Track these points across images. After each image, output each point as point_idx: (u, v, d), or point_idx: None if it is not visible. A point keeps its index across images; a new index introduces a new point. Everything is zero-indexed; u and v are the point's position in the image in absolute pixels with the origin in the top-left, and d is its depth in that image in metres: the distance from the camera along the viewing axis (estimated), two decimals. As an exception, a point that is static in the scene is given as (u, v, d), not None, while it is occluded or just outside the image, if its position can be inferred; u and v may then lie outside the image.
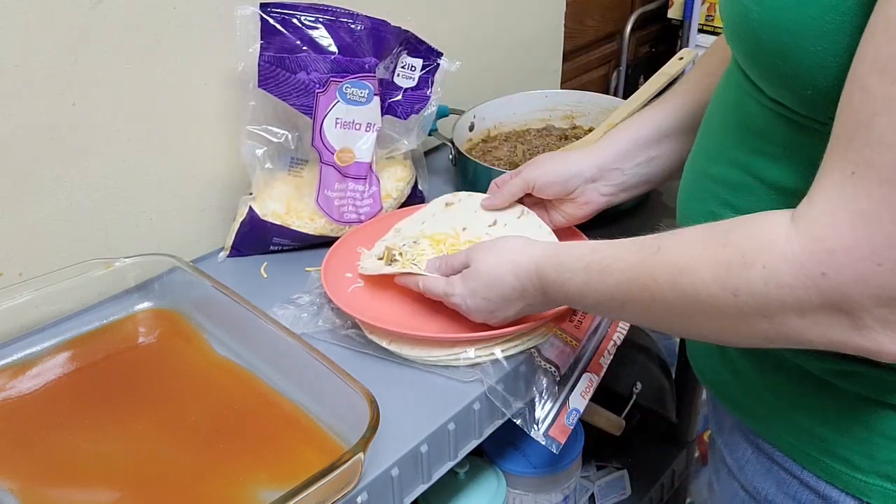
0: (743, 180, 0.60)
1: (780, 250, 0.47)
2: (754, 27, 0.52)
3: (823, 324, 0.47)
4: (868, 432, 0.58)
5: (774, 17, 0.50)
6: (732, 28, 0.57)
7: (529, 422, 0.75)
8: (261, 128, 0.91)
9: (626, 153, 0.84)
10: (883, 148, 0.42)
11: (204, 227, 0.99)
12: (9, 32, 0.75)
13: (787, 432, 0.63)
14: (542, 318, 0.76)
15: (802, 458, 0.62)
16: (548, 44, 1.48)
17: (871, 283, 0.44)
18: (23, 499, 0.63)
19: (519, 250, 0.70)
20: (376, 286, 0.84)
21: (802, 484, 0.63)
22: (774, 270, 0.47)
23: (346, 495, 0.61)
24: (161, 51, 0.87)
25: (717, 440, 0.76)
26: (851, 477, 0.59)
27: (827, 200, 0.46)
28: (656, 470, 1.36)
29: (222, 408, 0.72)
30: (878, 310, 0.44)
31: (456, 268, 0.75)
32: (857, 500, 0.59)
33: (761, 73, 0.56)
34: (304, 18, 0.88)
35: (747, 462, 0.69)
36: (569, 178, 0.84)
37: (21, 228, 0.82)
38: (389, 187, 0.97)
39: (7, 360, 0.78)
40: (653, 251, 0.56)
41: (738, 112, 0.61)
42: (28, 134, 0.79)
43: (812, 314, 0.47)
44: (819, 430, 0.60)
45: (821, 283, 0.45)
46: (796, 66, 0.50)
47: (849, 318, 0.46)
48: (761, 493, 0.67)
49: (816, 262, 0.45)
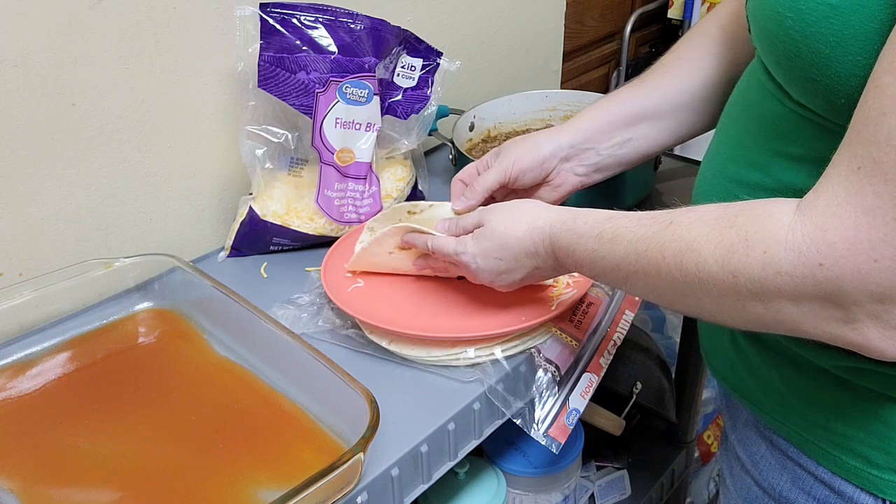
0: (762, 181, 0.60)
1: (781, 238, 0.47)
2: (790, 34, 0.52)
3: (817, 315, 0.48)
4: (885, 428, 0.58)
5: (812, 26, 0.50)
6: (763, 32, 0.56)
7: (529, 422, 0.75)
8: (261, 128, 0.91)
9: (602, 132, 0.82)
10: (890, 148, 0.43)
11: (204, 227, 0.99)
12: (9, 32, 0.75)
13: (802, 428, 0.63)
14: (542, 319, 0.76)
15: (818, 453, 0.62)
16: (548, 44, 1.48)
17: (866, 278, 0.44)
18: (23, 499, 0.63)
19: (534, 212, 0.70)
20: (376, 286, 0.84)
21: (817, 480, 0.63)
22: (774, 257, 0.48)
23: (346, 495, 0.61)
24: (161, 51, 0.87)
25: (730, 435, 0.76)
26: (867, 473, 0.59)
27: (832, 193, 0.46)
28: (656, 470, 1.36)
29: (222, 408, 0.72)
30: (870, 305, 0.45)
31: (468, 228, 0.75)
32: (873, 496, 0.59)
33: (792, 80, 0.55)
34: (304, 18, 0.88)
35: (761, 458, 0.69)
36: (544, 161, 0.82)
37: (21, 228, 0.82)
38: (389, 187, 0.97)
39: (7, 360, 0.78)
40: (664, 225, 0.56)
41: (760, 113, 0.61)
42: (28, 134, 0.80)
43: (807, 303, 0.47)
44: (835, 425, 0.60)
45: (818, 273, 0.46)
46: (832, 76, 0.50)
47: (842, 311, 0.46)
48: (776, 489, 0.67)
49: (815, 253, 0.46)
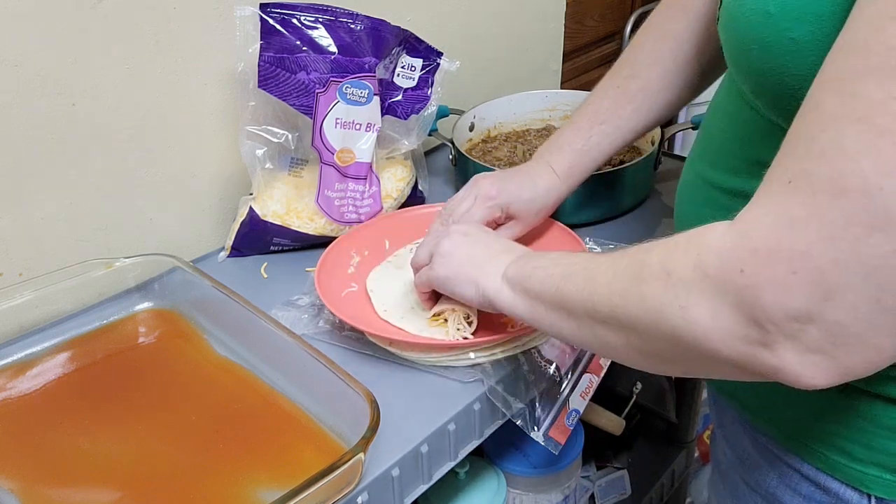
0: (744, 188, 0.60)
1: (713, 242, 0.48)
2: (757, 65, 0.53)
3: (733, 333, 0.46)
4: (865, 423, 0.58)
5: (777, 59, 0.51)
6: (733, 58, 0.57)
7: (530, 422, 0.75)
8: (261, 128, 0.91)
9: (589, 172, 0.87)
10: (823, 161, 0.42)
11: (204, 227, 0.99)
12: (8, 32, 0.75)
13: (786, 425, 0.64)
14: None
15: (802, 450, 0.62)
16: (548, 44, 1.48)
17: (783, 291, 0.43)
18: (23, 499, 0.63)
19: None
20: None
21: (803, 476, 0.63)
22: (704, 259, 0.47)
23: (346, 495, 0.61)
24: (161, 51, 0.87)
25: (718, 434, 0.76)
26: (851, 468, 0.59)
27: (763, 204, 0.46)
28: (656, 470, 1.37)
29: (222, 408, 0.72)
30: (787, 323, 0.44)
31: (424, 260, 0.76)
32: (858, 491, 0.60)
33: (764, 103, 0.56)
34: (304, 18, 0.88)
35: (748, 456, 0.69)
36: (540, 210, 0.85)
37: (21, 228, 0.82)
38: (389, 187, 0.97)
39: (7, 360, 0.78)
40: (623, 251, 0.57)
41: (739, 122, 0.62)
42: (28, 134, 0.79)
43: (723, 315, 0.46)
44: (818, 422, 0.60)
45: (738, 279, 0.45)
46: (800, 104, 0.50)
47: (758, 329, 0.45)
48: (763, 487, 0.67)
49: (738, 259, 0.45)
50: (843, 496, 0.60)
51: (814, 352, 0.44)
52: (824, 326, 0.43)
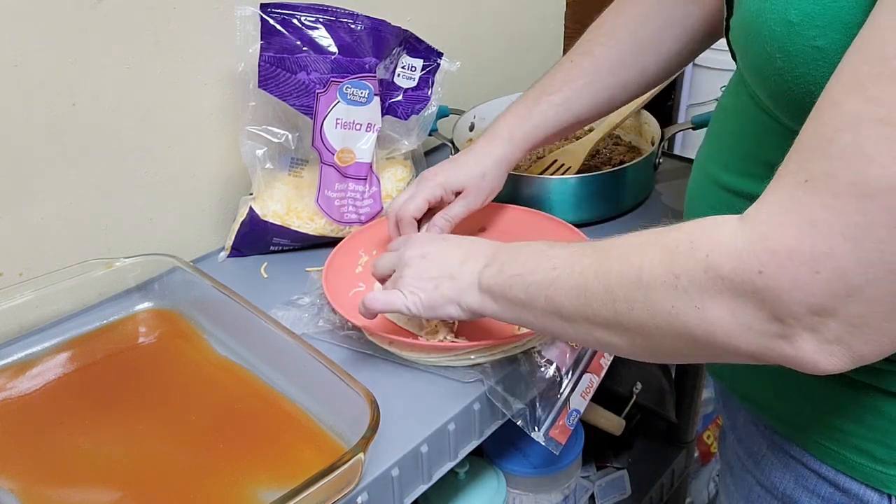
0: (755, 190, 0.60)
1: (725, 242, 0.47)
2: (780, 74, 0.52)
3: (752, 327, 0.47)
4: (887, 423, 0.57)
5: (801, 68, 0.51)
6: (753, 67, 0.57)
7: (530, 422, 0.74)
8: (261, 128, 0.91)
9: (534, 140, 0.86)
10: (843, 162, 0.43)
11: (204, 227, 0.99)
12: (8, 33, 0.75)
13: (804, 426, 0.63)
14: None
15: (820, 451, 0.62)
16: (548, 44, 1.48)
17: (805, 289, 0.44)
18: (23, 499, 0.63)
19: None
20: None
21: (821, 478, 0.62)
22: (716, 261, 0.47)
23: (346, 495, 0.61)
24: (161, 51, 0.87)
25: (728, 435, 0.75)
26: (871, 469, 0.59)
27: (777, 203, 0.46)
28: (656, 470, 1.37)
29: (222, 408, 0.72)
30: (808, 318, 0.45)
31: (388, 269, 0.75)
32: (878, 491, 0.59)
33: (784, 111, 0.55)
34: (304, 19, 0.88)
35: (763, 457, 0.68)
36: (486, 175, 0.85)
37: (21, 228, 0.82)
38: (390, 188, 0.97)
39: (7, 360, 0.78)
40: (608, 241, 0.56)
41: (750, 124, 0.61)
42: (28, 134, 0.79)
43: (742, 313, 0.47)
44: (836, 422, 0.60)
45: (757, 280, 0.45)
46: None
47: (778, 324, 0.46)
48: (779, 488, 0.67)
49: (756, 260, 0.45)
50: (864, 497, 0.60)
51: (831, 342, 0.45)
52: (844, 320, 0.44)
